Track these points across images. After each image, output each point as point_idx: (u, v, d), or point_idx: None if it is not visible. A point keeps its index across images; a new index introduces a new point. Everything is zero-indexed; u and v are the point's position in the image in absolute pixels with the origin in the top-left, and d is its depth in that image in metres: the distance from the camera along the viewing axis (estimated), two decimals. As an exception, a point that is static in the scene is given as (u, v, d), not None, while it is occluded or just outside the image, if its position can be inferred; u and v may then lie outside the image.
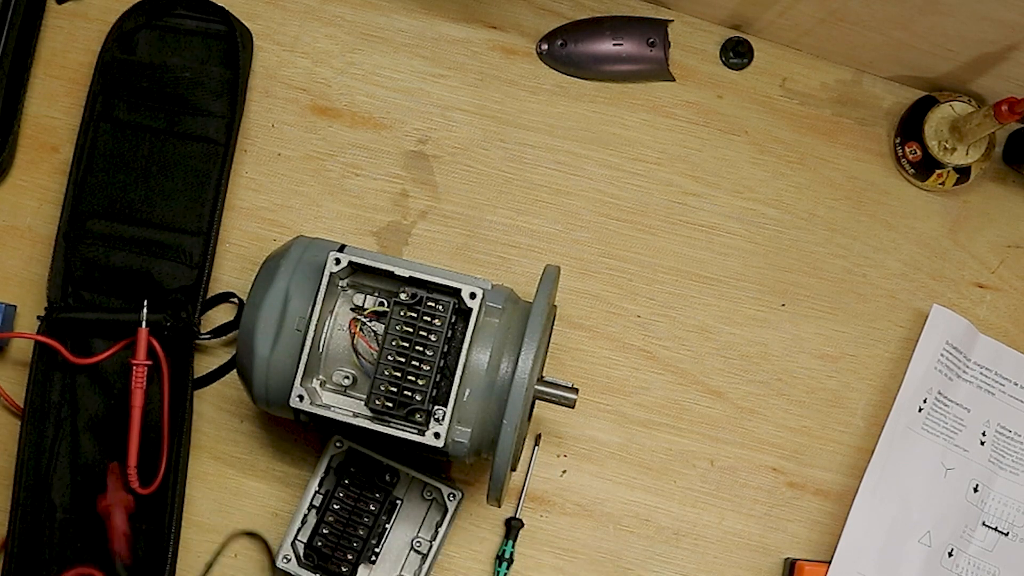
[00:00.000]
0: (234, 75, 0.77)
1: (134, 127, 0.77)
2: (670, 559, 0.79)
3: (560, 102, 0.82)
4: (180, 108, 0.76)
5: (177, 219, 0.76)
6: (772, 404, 0.80)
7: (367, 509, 0.72)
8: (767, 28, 0.82)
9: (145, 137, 0.76)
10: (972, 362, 0.81)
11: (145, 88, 0.76)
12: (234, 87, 0.77)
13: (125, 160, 0.76)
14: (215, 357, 0.78)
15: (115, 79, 0.77)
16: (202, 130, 0.77)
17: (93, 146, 0.76)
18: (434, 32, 0.82)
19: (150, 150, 0.76)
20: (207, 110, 0.77)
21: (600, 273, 0.81)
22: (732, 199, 0.82)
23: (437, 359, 0.65)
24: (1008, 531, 0.80)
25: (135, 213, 0.76)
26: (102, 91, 0.77)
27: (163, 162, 0.76)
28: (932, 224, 0.83)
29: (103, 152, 0.76)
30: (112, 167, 0.76)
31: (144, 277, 0.75)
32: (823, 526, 0.79)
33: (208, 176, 0.76)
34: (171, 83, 0.76)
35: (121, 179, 0.76)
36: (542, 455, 0.79)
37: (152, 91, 0.76)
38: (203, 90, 0.77)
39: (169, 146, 0.76)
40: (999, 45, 0.75)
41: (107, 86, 0.77)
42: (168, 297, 0.75)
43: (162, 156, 0.76)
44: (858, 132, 0.84)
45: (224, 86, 0.77)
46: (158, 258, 0.75)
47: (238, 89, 0.77)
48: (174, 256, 0.75)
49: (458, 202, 0.81)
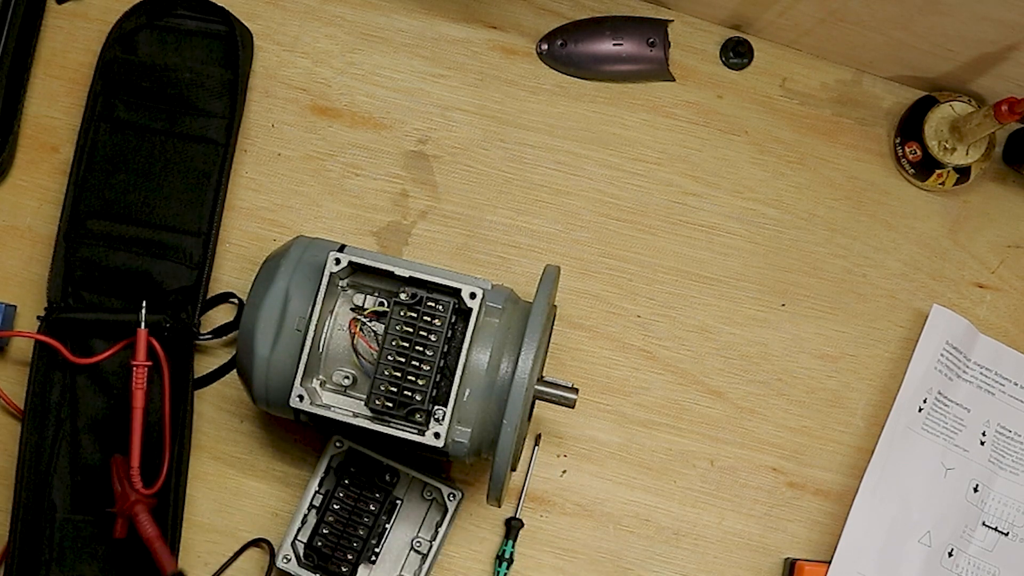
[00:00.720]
0: (234, 75, 0.77)
1: (134, 127, 0.77)
2: (670, 559, 0.79)
3: (560, 102, 0.82)
4: (180, 108, 0.76)
5: (177, 220, 0.76)
6: (772, 404, 0.80)
7: (367, 509, 0.72)
8: (767, 28, 0.82)
9: (145, 137, 0.76)
10: (972, 362, 0.81)
11: (146, 88, 0.76)
12: (234, 87, 0.77)
13: (125, 160, 0.76)
14: (215, 357, 0.78)
15: (115, 79, 0.77)
16: (202, 130, 0.77)
17: (93, 146, 0.76)
18: (434, 32, 0.82)
19: (150, 150, 0.76)
20: (207, 110, 0.77)
21: (600, 273, 0.81)
22: (732, 199, 0.82)
23: (437, 359, 0.65)
24: (1008, 531, 0.80)
25: (135, 213, 0.76)
26: (102, 91, 0.77)
27: (163, 162, 0.76)
28: (932, 224, 0.83)
29: (103, 152, 0.76)
30: (112, 167, 0.76)
31: (144, 277, 0.75)
32: (823, 526, 0.80)
33: (208, 176, 0.76)
34: (171, 83, 0.76)
35: (121, 179, 0.76)
36: (542, 455, 0.79)
37: (152, 91, 0.76)
38: (203, 90, 0.77)
39: (169, 146, 0.76)
40: (999, 45, 0.75)
41: (107, 86, 0.77)
42: (168, 298, 0.75)
43: (162, 156, 0.76)
44: (858, 132, 0.84)
45: (224, 86, 0.77)
46: (158, 259, 0.75)
47: (238, 89, 0.77)
48: (174, 257, 0.75)
49: (458, 202, 0.81)
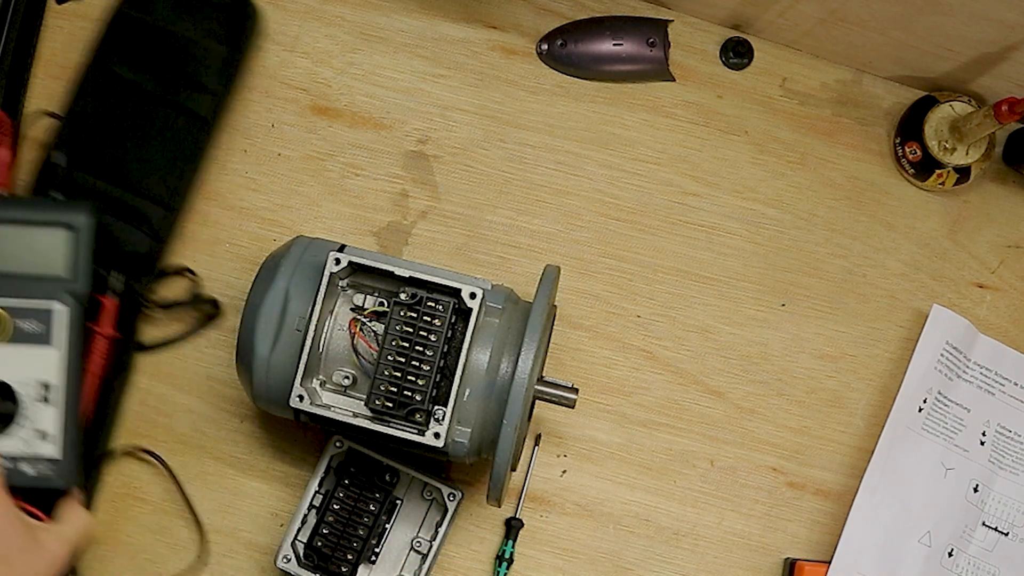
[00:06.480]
0: (233, 54, 0.78)
1: (129, 86, 0.77)
2: (670, 559, 0.79)
3: (560, 102, 0.82)
4: (177, 77, 0.77)
5: (148, 186, 0.76)
6: (772, 404, 0.80)
7: (367, 509, 0.72)
8: (767, 28, 0.82)
9: (137, 98, 0.77)
10: (972, 362, 0.81)
11: (149, 51, 0.77)
12: (231, 66, 0.77)
13: (114, 116, 0.77)
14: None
15: (123, 35, 0.77)
16: (193, 103, 0.77)
17: (85, 94, 0.77)
18: (434, 32, 0.82)
19: (139, 112, 0.77)
20: (202, 84, 0.77)
21: (600, 273, 0.81)
22: (732, 199, 0.82)
23: (437, 359, 0.65)
24: (1008, 531, 0.80)
25: (109, 170, 0.76)
26: (107, 44, 0.77)
27: (148, 127, 0.77)
28: (932, 224, 0.83)
29: (95, 103, 0.77)
30: (99, 120, 0.77)
31: (104, 234, 0.75)
32: (823, 526, 0.80)
33: (187, 150, 0.77)
34: (174, 51, 0.77)
35: (105, 133, 0.76)
36: (542, 455, 0.79)
37: (155, 55, 0.77)
38: (202, 64, 0.77)
39: (158, 112, 0.77)
40: (999, 45, 0.75)
41: (113, 40, 0.77)
42: (123, 260, 0.75)
43: (149, 121, 0.77)
44: (858, 132, 0.84)
45: (224, 64, 0.77)
46: (121, 220, 0.76)
47: (235, 69, 0.78)
48: (137, 221, 0.76)
49: (458, 202, 0.81)
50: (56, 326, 0.70)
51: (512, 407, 0.63)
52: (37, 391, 0.69)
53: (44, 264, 0.70)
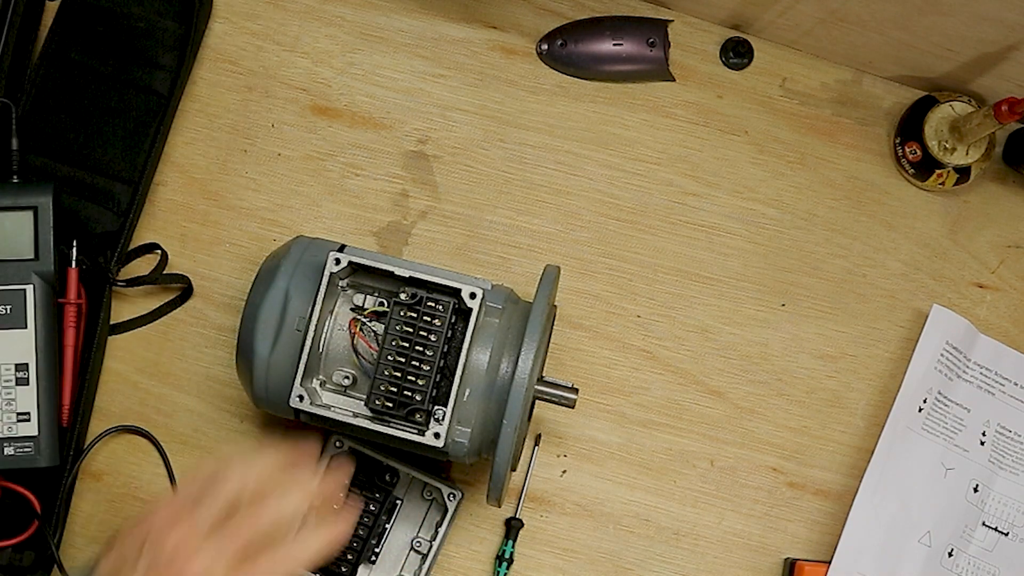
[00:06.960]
0: (187, 31, 0.78)
1: (83, 68, 0.78)
2: (670, 559, 0.79)
3: (560, 102, 0.82)
4: (130, 57, 0.78)
5: (111, 165, 0.77)
6: (772, 404, 0.80)
7: (367, 509, 0.72)
8: (767, 28, 0.82)
9: (92, 80, 0.78)
10: (972, 362, 0.81)
11: (100, 33, 0.78)
12: (185, 42, 0.78)
13: (70, 100, 0.78)
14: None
15: (73, 20, 0.78)
16: (148, 81, 0.78)
17: (44, 82, 0.78)
18: (434, 32, 0.82)
19: (95, 94, 0.78)
20: (156, 62, 0.78)
21: (600, 273, 0.81)
22: (732, 199, 0.82)
23: (437, 359, 0.65)
24: (1008, 531, 0.80)
25: (72, 153, 0.77)
26: (58, 30, 0.78)
27: (106, 107, 0.78)
28: (932, 224, 0.83)
29: (50, 89, 0.78)
30: (56, 105, 0.78)
31: (71, 216, 0.76)
32: (823, 526, 0.80)
33: (147, 127, 0.78)
34: (125, 31, 0.78)
35: (63, 118, 0.78)
36: (542, 455, 0.79)
37: (106, 36, 0.78)
38: (155, 42, 0.78)
39: (114, 92, 0.78)
40: (999, 45, 0.75)
41: (64, 25, 0.78)
42: (91, 241, 0.76)
43: (106, 101, 0.78)
44: (858, 132, 0.84)
45: (176, 41, 0.78)
46: (86, 200, 0.77)
47: (188, 45, 0.78)
48: (103, 201, 0.77)
49: (458, 202, 0.81)
50: (28, 308, 0.71)
51: (512, 407, 0.63)
52: (14, 374, 0.71)
53: (11, 249, 0.72)
